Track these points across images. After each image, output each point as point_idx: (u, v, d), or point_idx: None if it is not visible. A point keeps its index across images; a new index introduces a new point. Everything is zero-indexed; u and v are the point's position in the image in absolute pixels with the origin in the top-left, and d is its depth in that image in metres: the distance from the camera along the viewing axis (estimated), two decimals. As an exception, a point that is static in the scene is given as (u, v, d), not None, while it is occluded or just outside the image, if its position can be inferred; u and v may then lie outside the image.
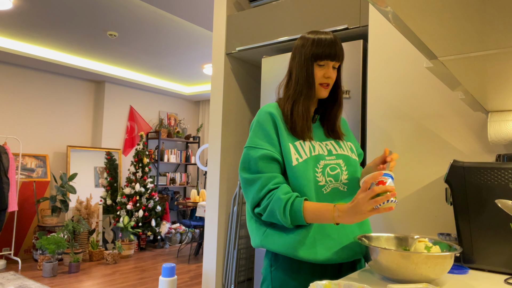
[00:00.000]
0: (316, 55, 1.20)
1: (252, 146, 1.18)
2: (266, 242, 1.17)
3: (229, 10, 2.63)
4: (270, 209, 1.11)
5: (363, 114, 1.95)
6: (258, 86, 2.87)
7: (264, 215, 1.14)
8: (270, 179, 1.13)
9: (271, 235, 1.17)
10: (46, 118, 5.68)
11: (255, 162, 1.15)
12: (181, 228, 6.23)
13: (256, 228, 1.22)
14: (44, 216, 4.99)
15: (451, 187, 1.25)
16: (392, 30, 1.77)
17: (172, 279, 1.06)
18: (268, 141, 1.18)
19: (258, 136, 1.19)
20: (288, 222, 1.09)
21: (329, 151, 1.23)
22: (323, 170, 1.19)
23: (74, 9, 3.77)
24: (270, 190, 1.13)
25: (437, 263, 0.95)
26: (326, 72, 1.22)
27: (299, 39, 1.27)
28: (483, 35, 0.70)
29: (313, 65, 1.22)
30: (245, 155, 1.19)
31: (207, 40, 4.56)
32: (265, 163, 1.15)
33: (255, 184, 1.14)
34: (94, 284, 4.02)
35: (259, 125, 1.21)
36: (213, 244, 2.52)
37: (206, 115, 7.64)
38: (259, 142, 1.18)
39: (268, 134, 1.18)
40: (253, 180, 1.15)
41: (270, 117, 1.21)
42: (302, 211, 1.07)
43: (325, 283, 0.85)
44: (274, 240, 1.16)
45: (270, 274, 1.19)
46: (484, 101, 1.23)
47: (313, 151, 1.19)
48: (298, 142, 1.19)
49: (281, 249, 1.14)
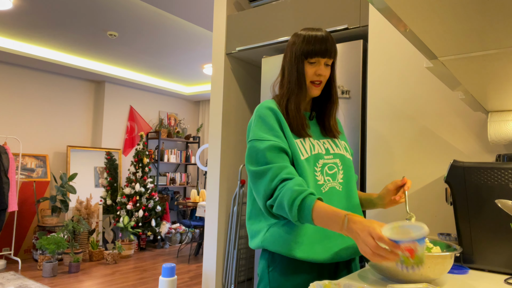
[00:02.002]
0: (307, 53, 1.17)
1: (257, 139, 1.12)
2: (267, 242, 1.15)
3: (229, 10, 2.63)
4: (280, 200, 1.02)
5: (363, 114, 1.95)
6: (258, 86, 2.87)
7: (274, 206, 1.05)
8: (281, 168, 1.06)
9: (272, 235, 1.15)
10: (46, 118, 5.67)
11: (263, 154, 1.09)
12: (181, 228, 6.23)
13: (257, 229, 1.20)
14: (44, 216, 4.99)
15: (451, 187, 1.25)
16: (392, 30, 1.77)
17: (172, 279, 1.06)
18: (273, 134, 1.12)
19: (262, 130, 1.13)
20: (295, 217, 1.00)
21: (326, 150, 1.22)
22: (322, 169, 1.17)
23: (74, 9, 3.77)
24: (283, 180, 1.04)
25: (437, 263, 0.95)
26: (317, 70, 1.19)
27: (292, 36, 1.25)
28: (483, 35, 0.70)
29: (303, 62, 1.19)
30: (250, 148, 1.13)
31: (207, 40, 4.56)
32: (274, 153, 1.08)
33: (265, 175, 1.06)
34: (94, 284, 4.02)
35: (261, 119, 1.16)
36: (213, 244, 2.52)
37: (206, 115, 7.64)
38: (263, 135, 1.12)
39: (272, 128, 1.13)
40: (263, 172, 1.07)
41: (272, 112, 1.16)
42: (311, 210, 0.98)
43: (324, 283, 0.85)
44: (275, 241, 1.13)
45: (267, 275, 1.17)
46: (484, 101, 1.23)
47: (313, 149, 1.17)
48: (299, 140, 1.16)
49: (281, 249, 1.12)
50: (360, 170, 1.92)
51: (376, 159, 1.76)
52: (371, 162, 1.77)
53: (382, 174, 1.74)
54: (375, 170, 1.76)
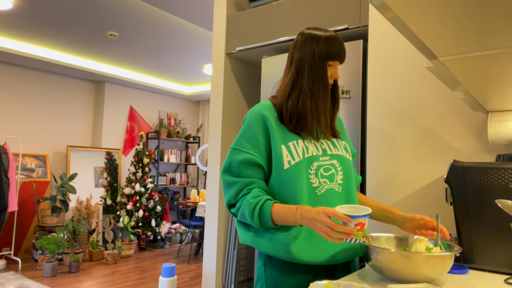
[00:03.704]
0: (330, 55, 1.18)
1: (237, 148, 1.18)
2: (256, 243, 1.17)
3: (229, 10, 2.63)
4: (242, 211, 1.14)
5: (363, 114, 1.95)
6: (258, 86, 2.87)
7: (238, 215, 1.17)
8: (247, 184, 1.15)
9: (261, 236, 1.16)
10: (46, 118, 5.68)
11: (236, 166, 1.16)
12: (181, 228, 6.23)
13: (246, 227, 1.21)
14: (44, 216, 4.99)
15: (451, 187, 1.25)
16: (392, 30, 1.77)
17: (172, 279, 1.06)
18: (253, 144, 1.16)
19: (244, 138, 1.18)
20: (257, 225, 1.11)
21: (323, 151, 1.20)
22: (316, 171, 1.16)
23: (74, 9, 3.77)
24: (244, 195, 1.15)
25: (437, 263, 0.95)
26: (333, 73, 1.21)
27: (303, 35, 1.22)
28: (483, 35, 0.70)
29: (326, 64, 1.19)
30: (228, 157, 1.19)
31: (207, 40, 4.56)
32: (246, 168, 1.15)
33: (233, 187, 1.16)
34: (94, 284, 4.02)
35: (248, 126, 1.19)
36: (213, 244, 2.52)
37: (206, 115, 7.64)
38: (244, 144, 1.17)
39: (254, 137, 1.17)
40: (231, 184, 1.16)
41: (261, 119, 1.18)
42: (270, 214, 1.09)
43: (325, 283, 0.85)
44: (264, 242, 1.15)
45: (264, 274, 1.18)
46: (484, 101, 1.23)
47: (306, 152, 1.16)
48: (292, 143, 1.16)
49: (272, 251, 1.13)
50: (360, 170, 1.92)
51: (376, 159, 1.76)
52: (371, 162, 1.77)
53: (383, 174, 1.74)
54: (375, 170, 1.76)
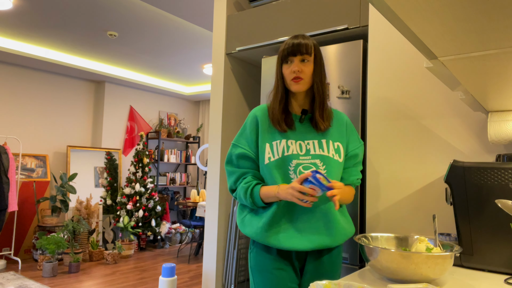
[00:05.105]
0: (282, 57, 1.36)
1: (235, 144, 1.43)
2: (242, 227, 1.41)
3: (229, 10, 2.63)
4: (238, 195, 1.40)
5: (363, 114, 1.95)
6: (258, 86, 2.87)
7: (237, 198, 1.43)
8: (242, 173, 1.41)
9: (246, 221, 1.41)
10: (46, 118, 5.67)
11: (235, 158, 1.42)
12: (181, 228, 6.23)
13: (239, 213, 1.46)
14: (44, 216, 4.99)
15: (451, 187, 1.25)
16: (392, 30, 1.77)
17: (172, 279, 1.06)
18: (247, 140, 1.41)
19: (241, 135, 1.44)
20: (251, 204, 1.36)
21: (307, 151, 1.35)
22: (295, 168, 1.33)
23: (74, 9, 3.77)
24: (240, 181, 1.41)
25: (437, 263, 0.95)
26: (292, 67, 1.34)
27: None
28: (483, 35, 0.70)
29: (281, 66, 1.37)
30: (229, 151, 1.45)
31: (207, 40, 4.56)
32: (242, 160, 1.41)
33: (233, 175, 1.43)
34: (94, 284, 4.02)
35: (245, 125, 1.44)
36: (213, 244, 2.52)
37: (206, 115, 7.64)
38: (241, 140, 1.43)
39: (247, 135, 1.41)
40: (232, 173, 1.43)
41: (254, 120, 1.42)
42: (258, 194, 1.34)
43: (325, 283, 0.85)
44: (246, 227, 1.39)
45: (249, 255, 1.43)
46: (484, 101, 1.23)
47: (286, 151, 1.34)
48: (275, 142, 1.36)
49: (252, 235, 1.36)
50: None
51: (376, 159, 1.76)
52: (371, 162, 1.77)
53: (383, 174, 1.74)
54: (375, 170, 1.76)
